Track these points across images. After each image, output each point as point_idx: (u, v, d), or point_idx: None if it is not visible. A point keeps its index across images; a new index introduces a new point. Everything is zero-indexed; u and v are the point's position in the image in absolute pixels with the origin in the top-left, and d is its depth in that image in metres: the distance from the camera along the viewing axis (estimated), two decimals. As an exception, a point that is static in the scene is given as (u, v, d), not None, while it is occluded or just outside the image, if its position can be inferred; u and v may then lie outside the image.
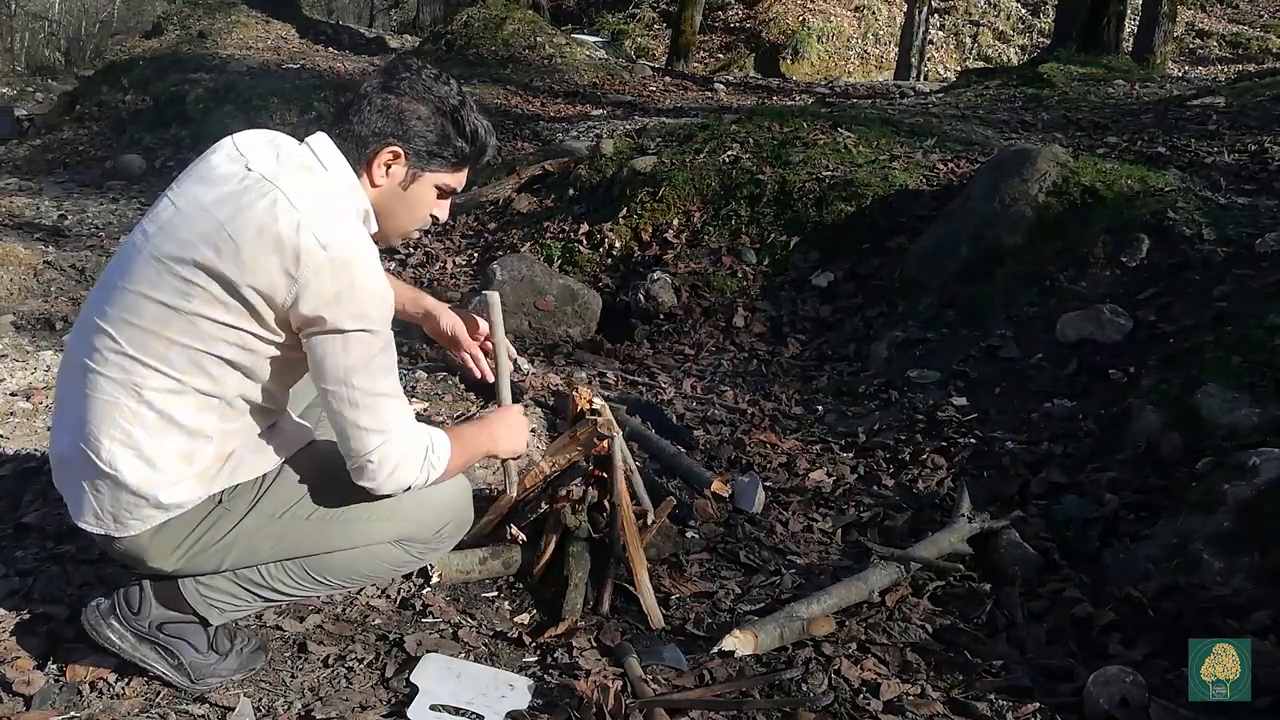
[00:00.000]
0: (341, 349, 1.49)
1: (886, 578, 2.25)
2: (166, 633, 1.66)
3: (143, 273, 1.50)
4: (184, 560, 1.60)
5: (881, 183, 4.83)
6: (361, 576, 1.76)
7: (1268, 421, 2.50)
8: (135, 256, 1.52)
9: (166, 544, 1.58)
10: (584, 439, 2.17)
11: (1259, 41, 16.39)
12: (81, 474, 1.55)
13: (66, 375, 1.61)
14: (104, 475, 1.52)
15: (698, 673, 1.90)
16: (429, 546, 1.75)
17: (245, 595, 1.67)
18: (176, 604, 1.65)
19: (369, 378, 1.51)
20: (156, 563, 1.59)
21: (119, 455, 1.51)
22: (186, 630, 1.67)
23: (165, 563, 1.59)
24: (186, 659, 1.68)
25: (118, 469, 1.51)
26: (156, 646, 1.66)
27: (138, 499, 1.52)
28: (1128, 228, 3.70)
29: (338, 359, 1.49)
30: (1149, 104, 6.72)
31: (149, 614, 1.65)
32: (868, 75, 16.46)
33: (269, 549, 1.63)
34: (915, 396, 3.42)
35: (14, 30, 17.74)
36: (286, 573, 1.67)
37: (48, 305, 4.33)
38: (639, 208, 5.22)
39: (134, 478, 1.51)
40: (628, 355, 4.15)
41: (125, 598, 1.66)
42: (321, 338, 1.49)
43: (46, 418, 2.99)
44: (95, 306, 1.56)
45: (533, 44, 11.37)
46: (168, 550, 1.58)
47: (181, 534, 1.57)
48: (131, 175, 8.04)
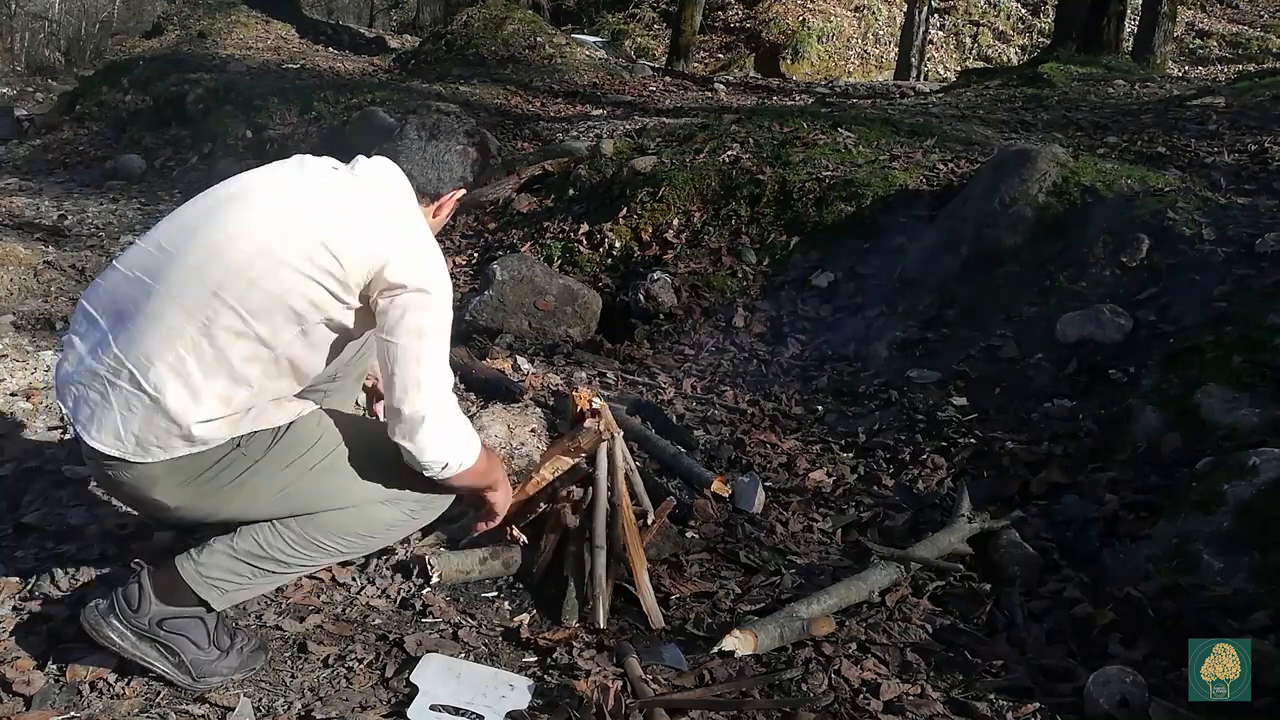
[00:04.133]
0: (421, 306, 1.61)
1: (886, 578, 2.25)
2: (167, 629, 1.67)
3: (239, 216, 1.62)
4: (188, 497, 1.62)
5: (881, 183, 4.83)
6: (357, 538, 1.77)
7: (1268, 421, 2.50)
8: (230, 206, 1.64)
9: (178, 477, 1.60)
10: (587, 445, 2.17)
11: (1259, 41, 16.39)
12: (114, 390, 1.57)
13: (123, 290, 1.62)
14: (144, 396, 1.55)
15: (698, 673, 1.90)
16: (423, 504, 1.79)
17: (244, 570, 1.68)
18: (176, 596, 1.66)
19: (440, 341, 1.64)
20: (160, 495, 1.61)
21: (167, 381, 1.54)
22: (187, 626, 1.69)
23: (169, 496, 1.61)
24: (188, 656, 1.69)
25: (162, 394, 1.54)
26: (157, 644, 1.67)
27: (171, 426, 1.55)
28: (1128, 228, 3.70)
29: (416, 315, 1.61)
30: (1149, 104, 6.72)
31: (148, 610, 1.66)
32: (868, 75, 16.46)
33: (269, 499, 1.66)
34: (915, 396, 3.42)
35: (14, 30, 17.74)
36: (283, 538, 1.69)
37: (48, 305, 4.33)
38: (639, 208, 5.22)
39: (175, 405, 1.54)
40: (628, 355, 4.15)
41: (124, 596, 1.66)
42: (407, 295, 1.61)
43: (47, 417, 2.99)
44: (172, 238, 1.63)
45: (533, 44, 11.36)
46: (176, 483, 1.60)
47: (195, 470, 1.60)
48: (131, 175, 8.03)
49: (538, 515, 2.24)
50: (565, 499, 2.20)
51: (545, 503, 2.23)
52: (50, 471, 2.54)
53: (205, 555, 1.67)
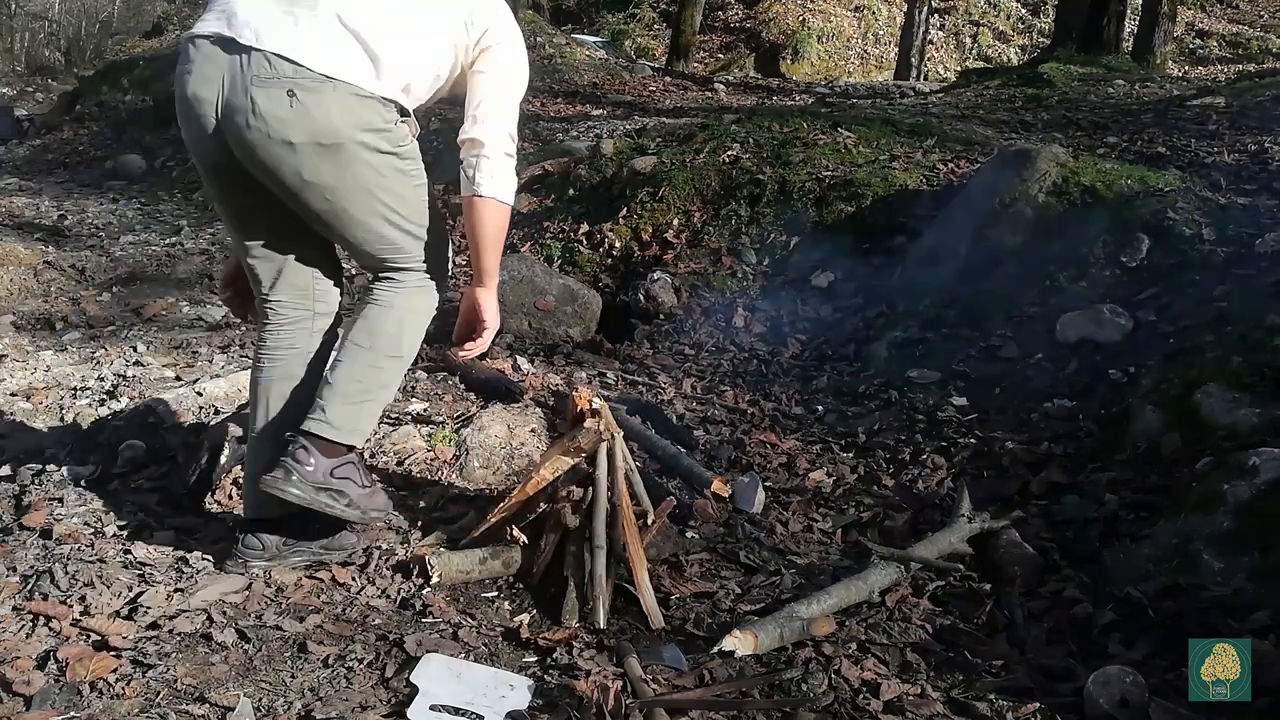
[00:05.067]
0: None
1: (886, 578, 2.25)
2: (336, 475, 1.98)
3: None
4: (319, 153, 1.81)
5: (881, 183, 4.83)
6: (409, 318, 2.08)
7: (1268, 421, 2.50)
8: None
9: (343, 118, 1.81)
10: (587, 445, 2.17)
11: (1259, 41, 16.40)
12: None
13: None
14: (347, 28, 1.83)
15: (698, 673, 1.90)
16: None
17: (355, 396, 1.99)
18: (330, 450, 1.98)
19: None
20: (304, 134, 1.80)
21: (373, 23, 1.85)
22: (348, 469, 2.01)
23: (311, 134, 1.79)
24: (353, 495, 2.01)
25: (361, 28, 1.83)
26: (329, 491, 1.97)
27: (360, 41, 1.82)
28: (1128, 228, 3.70)
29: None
30: (1149, 104, 6.72)
31: (319, 464, 1.96)
32: (868, 75, 16.47)
33: (365, 202, 1.92)
34: (915, 396, 3.42)
35: (14, 30, 17.72)
36: (359, 356, 2.00)
37: (48, 305, 4.33)
38: (639, 208, 5.22)
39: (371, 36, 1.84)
40: (628, 355, 4.15)
41: (295, 459, 1.94)
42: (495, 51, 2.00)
43: (47, 417, 2.99)
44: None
45: (533, 44, 11.36)
46: (340, 124, 1.81)
47: (354, 116, 1.82)
48: (131, 175, 8.03)
49: (538, 515, 2.24)
50: (565, 499, 2.20)
51: (545, 503, 2.23)
52: (51, 471, 2.54)
53: (328, 412, 1.96)
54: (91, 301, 4.40)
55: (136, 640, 1.85)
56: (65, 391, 3.19)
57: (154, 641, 1.85)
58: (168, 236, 5.80)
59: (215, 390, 3.01)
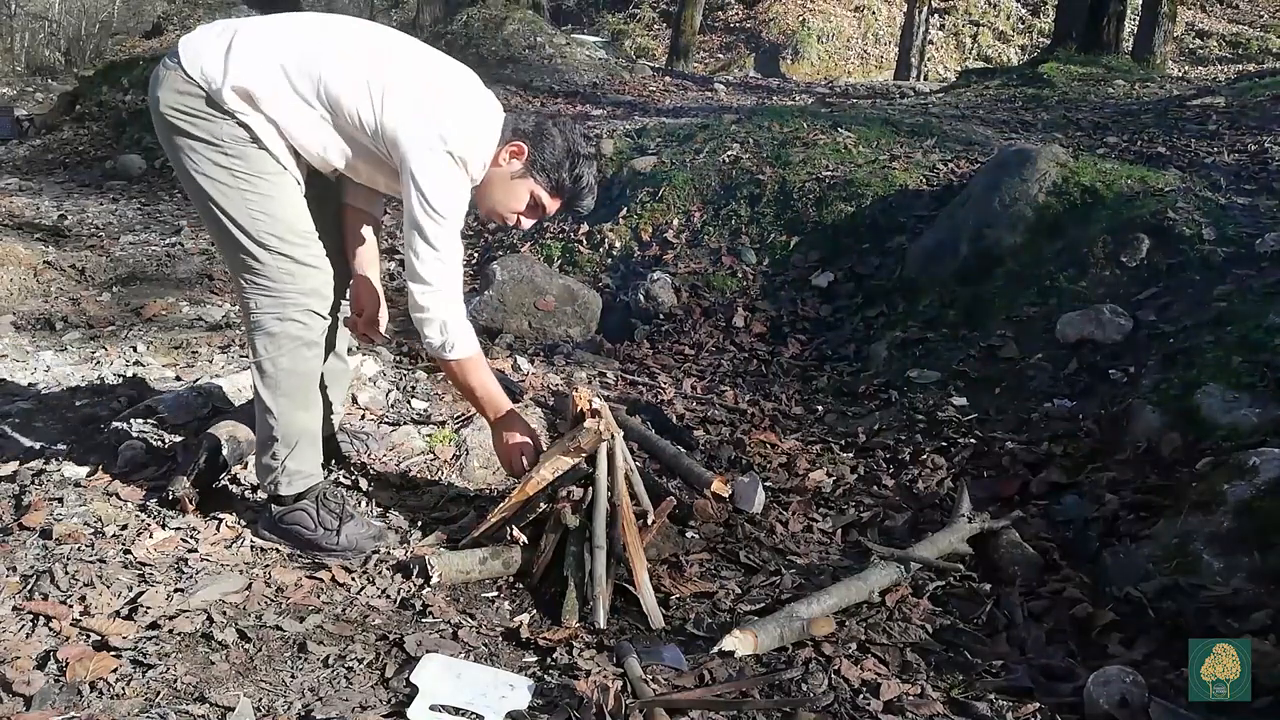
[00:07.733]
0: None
1: (886, 578, 2.25)
2: (284, 522, 2.27)
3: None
4: (154, 118, 2.06)
5: (881, 183, 4.83)
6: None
7: (1268, 421, 2.50)
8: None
9: (164, 93, 2.02)
10: (587, 445, 2.17)
11: (1259, 41, 16.40)
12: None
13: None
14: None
15: (698, 673, 1.90)
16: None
17: (262, 446, 2.24)
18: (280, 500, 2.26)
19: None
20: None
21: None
22: (296, 516, 2.25)
23: (151, 102, 2.05)
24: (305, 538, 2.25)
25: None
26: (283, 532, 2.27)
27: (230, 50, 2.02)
28: (1128, 228, 3.70)
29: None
30: (1149, 104, 6.72)
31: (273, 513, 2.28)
32: (868, 75, 16.46)
33: (196, 191, 2.08)
34: (915, 396, 3.42)
35: (14, 30, 17.71)
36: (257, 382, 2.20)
37: (48, 305, 4.33)
38: (639, 208, 5.22)
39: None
40: (628, 355, 4.15)
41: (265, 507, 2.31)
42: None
43: (47, 417, 2.99)
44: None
45: (533, 44, 11.37)
46: (159, 95, 2.03)
47: (171, 95, 2.01)
48: (131, 175, 8.02)
49: (538, 515, 2.24)
50: (565, 499, 2.20)
51: (545, 503, 2.23)
52: (51, 471, 2.54)
53: (257, 469, 2.28)
54: (91, 301, 4.40)
55: (136, 640, 1.85)
56: (65, 391, 3.19)
57: (154, 641, 1.86)
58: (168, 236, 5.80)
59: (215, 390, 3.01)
